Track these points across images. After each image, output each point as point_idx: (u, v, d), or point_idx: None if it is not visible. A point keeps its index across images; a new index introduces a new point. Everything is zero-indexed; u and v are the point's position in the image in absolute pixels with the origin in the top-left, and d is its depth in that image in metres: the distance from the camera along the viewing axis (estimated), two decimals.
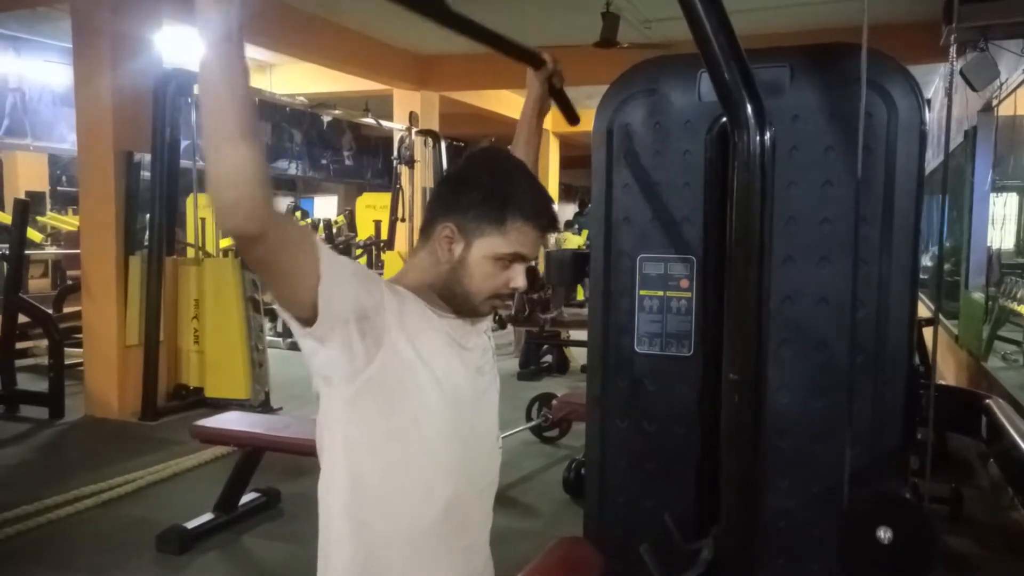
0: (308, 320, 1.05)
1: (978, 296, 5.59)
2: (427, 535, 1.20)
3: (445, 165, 8.46)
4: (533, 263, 1.27)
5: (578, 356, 7.13)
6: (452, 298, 1.22)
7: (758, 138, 1.28)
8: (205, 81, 0.92)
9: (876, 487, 1.71)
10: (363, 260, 10.48)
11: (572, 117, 1.84)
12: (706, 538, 1.54)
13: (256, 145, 0.94)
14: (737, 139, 1.30)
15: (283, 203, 14.02)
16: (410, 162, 8.46)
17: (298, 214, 12.43)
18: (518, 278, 1.23)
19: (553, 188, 13.51)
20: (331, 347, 1.08)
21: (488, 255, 1.20)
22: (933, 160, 7.56)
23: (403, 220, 8.57)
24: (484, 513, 1.31)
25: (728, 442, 1.38)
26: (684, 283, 2.09)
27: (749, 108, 1.27)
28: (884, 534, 1.34)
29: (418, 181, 8.67)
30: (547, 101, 1.71)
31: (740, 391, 1.34)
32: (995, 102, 5.54)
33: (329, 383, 1.15)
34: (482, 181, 1.23)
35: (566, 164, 14.44)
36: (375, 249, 10.02)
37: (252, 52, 8.03)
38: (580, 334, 6.71)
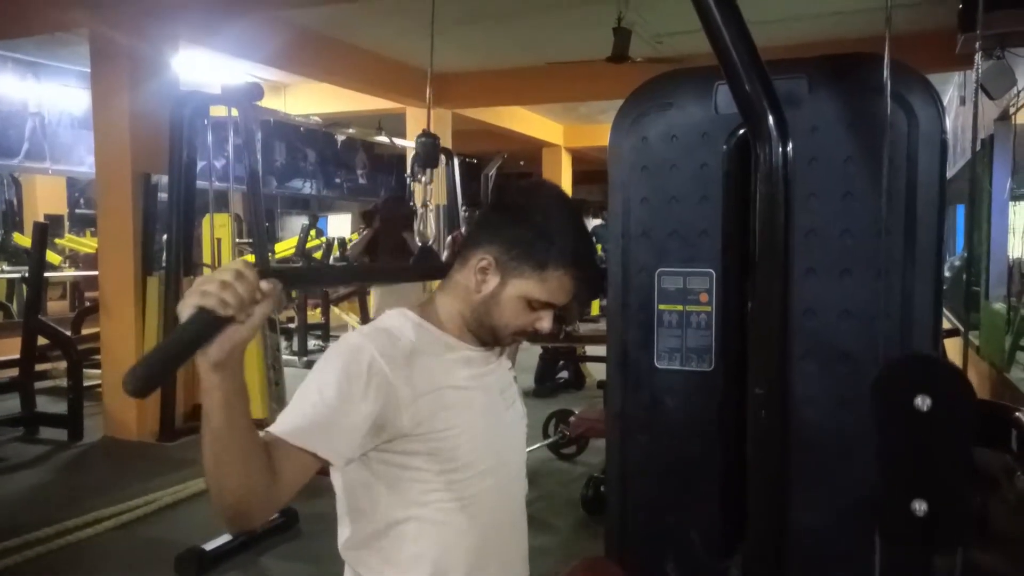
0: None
1: (999, 307, 5.52)
2: (463, 572, 1.19)
3: (459, 182, 8.49)
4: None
5: (594, 372, 7.09)
6: (477, 328, 1.21)
7: (780, 149, 1.26)
8: (208, 446, 0.97)
9: None
10: None
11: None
12: (733, 557, 1.51)
13: (259, 480, 0.99)
14: (759, 151, 1.28)
15: (300, 221, 14.09)
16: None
17: (313, 232, 12.47)
18: (545, 321, 1.21)
19: None
20: (358, 456, 1.13)
21: (521, 296, 1.18)
22: (949, 170, 7.50)
23: None
24: (518, 546, 1.30)
25: (754, 458, 1.36)
26: (704, 297, 2.07)
27: (771, 119, 1.25)
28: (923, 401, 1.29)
29: (432, 199, 8.68)
30: None
31: (765, 406, 1.31)
32: (1012, 110, 5.50)
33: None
34: (533, 220, 1.19)
35: (579, 179, 14.46)
36: None
37: (267, 73, 8.11)
38: (596, 349, 6.68)
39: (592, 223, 15.65)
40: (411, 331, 1.18)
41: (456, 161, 8.60)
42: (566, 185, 13.57)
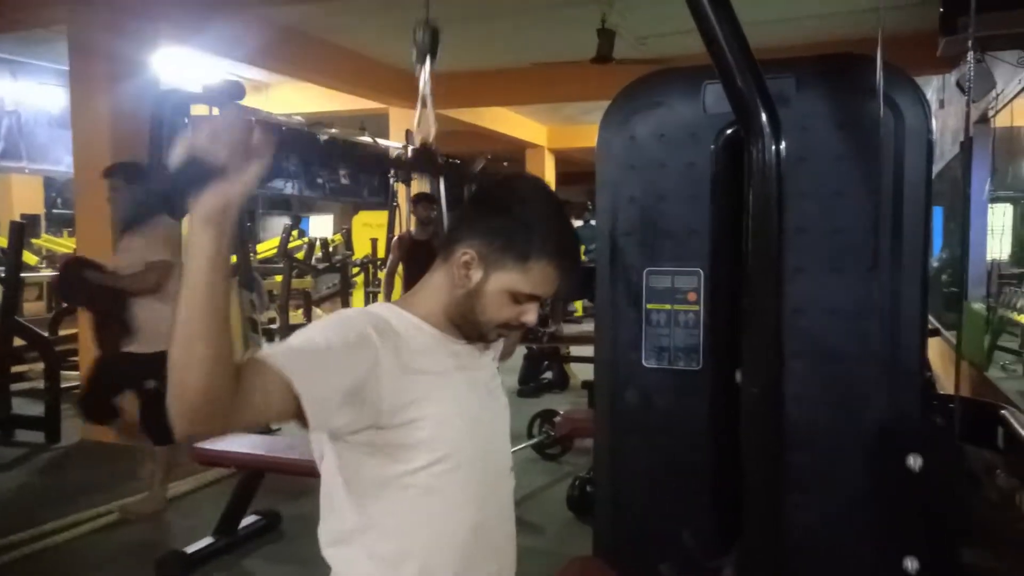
0: (303, 422, 1.04)
1: (979, 307, 5.58)
2: (454, 564, 1.17)
3: (442, 183, 8.45)
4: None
5: (578, 372, 7.09)
6: (462, 323, 1.20)
7: (773, 147, 1.26)
8: (183, 308, 0.92)
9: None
10: (360, 278, 10.46)
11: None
12: (726, 555, 1.51)
13: (227, 363, 0.93)
14: (752, 148, 1.28)
15: (282, 222, 14.00)
16: (407, 180, 8.45)
17: (295, 233, 12.40)
18: (530, 314, 1.20)
19: None
20: (332, 427, 1.10)
21: (505, 289, 1.17)
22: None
23: None
24: (507, 537, 1.29)
25: (748, 457, 1.36)
26: (692, 296, 2.07)
27: (763, 116, 1.25)
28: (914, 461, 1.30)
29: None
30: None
31: (759, 404, 1.31)
32: (991, 113, 5.56)
33: (336, 440, 1.14)
34: (513, 212, 1.18)
35: (563, 180, 14.46)
36: (372, 267, 9.99)
37: (249, 72, 8.05)
38: (580, 350, 6.67)
39: (575, 224, 15.67)
40: (397, 320, 1.16)
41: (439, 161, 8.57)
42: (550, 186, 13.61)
